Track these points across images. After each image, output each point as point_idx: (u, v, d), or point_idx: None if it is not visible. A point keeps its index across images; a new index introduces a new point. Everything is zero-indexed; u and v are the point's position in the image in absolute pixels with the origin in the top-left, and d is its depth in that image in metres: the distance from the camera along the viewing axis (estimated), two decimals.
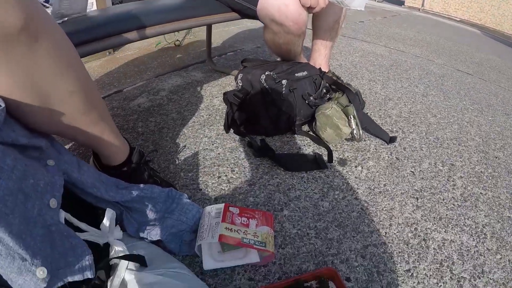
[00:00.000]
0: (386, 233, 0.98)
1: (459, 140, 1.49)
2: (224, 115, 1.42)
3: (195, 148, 1.27)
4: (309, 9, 1.24)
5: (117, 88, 1.72)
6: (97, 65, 2.09)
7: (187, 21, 1.27)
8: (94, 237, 0.73)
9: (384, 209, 1.06)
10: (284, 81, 1.26)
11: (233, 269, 0.89)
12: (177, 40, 2.49)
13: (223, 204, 0.92)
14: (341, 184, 1.13)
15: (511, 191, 1.22)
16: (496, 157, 1.40)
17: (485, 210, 1.11)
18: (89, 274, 0.66)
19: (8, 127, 0.65)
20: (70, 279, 0.62)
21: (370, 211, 1.05)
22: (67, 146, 1.21)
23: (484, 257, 0.96)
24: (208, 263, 0.87)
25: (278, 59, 1.61)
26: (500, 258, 0.97)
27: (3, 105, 0.60)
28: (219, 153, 1.24)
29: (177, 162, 1.19)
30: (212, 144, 1.29)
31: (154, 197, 0.92)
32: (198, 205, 0.95)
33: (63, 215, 0.68)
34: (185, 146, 1.27)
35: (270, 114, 1.28)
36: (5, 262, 0.53)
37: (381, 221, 1.02)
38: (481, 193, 1.18)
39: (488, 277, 0.91)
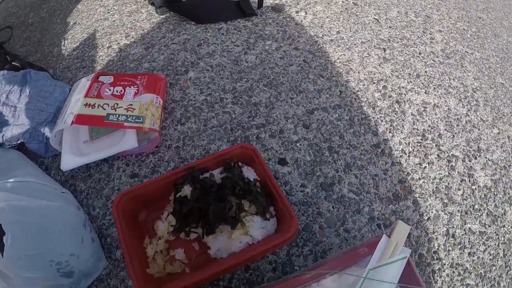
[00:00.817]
0: (341, 92, 0.66)
1: None
2: None
3: (87, 22, 0.90)
4: None
5: None
6: None
7: None
8: None
9: (338, 60, 0.73)
10: None
11: (111, 164, 0.59)
12: None
13: (94, 74, 0.64)
14: (275, 33, 0.77)
15: (500, 56, 0.91)
16: (480, 18, 1.07)
17: (473, 72, 0.81)
18: None
19: None
20: None
21: (318, 63, 0.71)
22: None
23: (479, 130, 0.68)
24: (68, 161, 0.57)
25: None
26: (498, 133, 0.69)
27: None
28: (114, 21, 0.88)
29: (63, 43, 0.86)
30: (108, 13, 0.93)
31: (10, 84, 0.67)
32: (64, 83, 0.66)
33: None
34: (75, 23, 0.91)
35: None
36: None
37: (333, 76, 0.69)
38: (466, 51, 0.87)
39: (486, 157, 0.64)
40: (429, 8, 0.99)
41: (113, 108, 0.56)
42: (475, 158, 0.62)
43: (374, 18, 0.87)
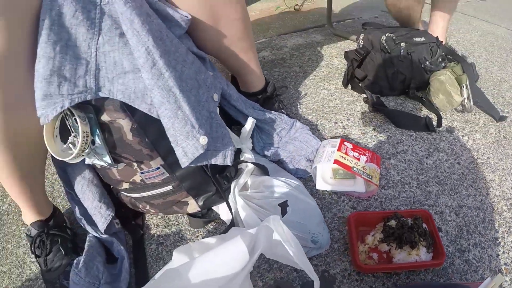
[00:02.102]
0: (482, 200, 1.05)
1: None
2: (343, 73, 1.56)
3: (315, 97, 1.44)
4: None
5: None
6: None
7: None
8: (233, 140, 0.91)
9: (484, 179, 1.12)
10: (402, 44, 1.36)
11: (339, 196, 1.05)
12: (297, 5, 2.65)
13: (340, 138, 1.10)
14: (446, 148, 1.22)
15: None
16: None
17: None
18: (228, 162, 0.85)
19: (185, 37, 0.88)
20: (213, 161, 0.82)
21: (470, 177, 1.12)
22: None
23: None
24: (320, 184, 1.04)
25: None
26: None
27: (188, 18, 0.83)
28: (336, 104, 1.40)
29: (298, 106, 1.38)
30: (331, 96, 1.45)
31: (282, 123, 1.11)
32: (318, 139, 1.13)
33: (218, 110, 0.88)
34: (306, 94, 1.45)
35: (388, 73, 1.40)
36: (179, 124, 0.72)
37: (479, 188, 1.08)
38: None
39: None
40: None
41: (355, 164, 1.01)
42: None
43: None
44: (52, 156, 0.79)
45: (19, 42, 0.63)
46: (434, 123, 1.32)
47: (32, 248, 0.88)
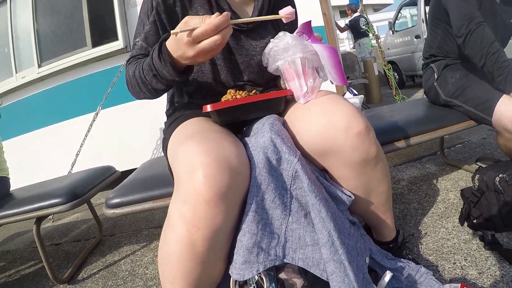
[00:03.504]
0: None
1: None
2: (458, 209, 1.73)
3: (435, 236, 1.61)
4: None
5: None
6: None
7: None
8: None
9: None
10: None
11: None
12: None
13: (460, 283, 1.23)
14: None
15: None
16: None
17: None
18: None
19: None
20: None
21: None
22: None
23: None
24: None
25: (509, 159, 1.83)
26: None
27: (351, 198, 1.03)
28: (454, 243, 1.55)
29: (419, 246, 1.57)
30: (449, 234, 1.60)
31: (410, 269, 1.30)
32: (440, 283, 1.30)
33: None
34: (426, 233, 1.63)
35: (502, 212, 1.53)
36: (343, 283, 0.85)
37: None
38: None
39: None
40: None
41: None
42: None
43: None
44: None
45: (231, 219, 0.82)
46: None
47: None
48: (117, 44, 3.36)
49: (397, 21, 7.99)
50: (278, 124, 0.92)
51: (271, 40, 0.96)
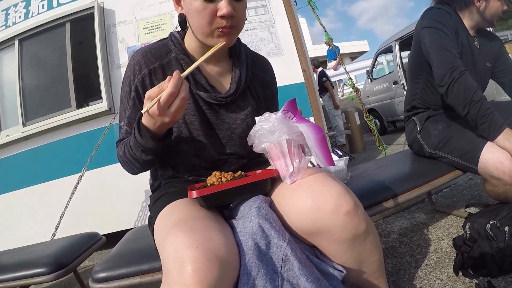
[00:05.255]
0: None
1: None
2: (452, 258, 1.72)
3: None
4: None
5: None
6: None
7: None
8: None
9: None
10: (506, 228, 1.50)
11: None
12: None
13: None
14: None
15: None
16: None
17: None
18: None
19: None
20: None
21: None
22: None
23: None
24: None
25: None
26: None
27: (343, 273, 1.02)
28: None
29: None
30: (445, 286, 1.58)
31: None
32: None
33: None
34: (421, 287, 1.61)
35: (496, 258, 1.52)
36: None
37: None
38: None
39: None
40: None
41: None
42: None
43: None
44: None
45: None
46: None
47: None
48: (101, 106, 3.39)
49: (374, 69, 8.30)
50: (265, 207, 0.93)
51: (256, 121, 0.98)
